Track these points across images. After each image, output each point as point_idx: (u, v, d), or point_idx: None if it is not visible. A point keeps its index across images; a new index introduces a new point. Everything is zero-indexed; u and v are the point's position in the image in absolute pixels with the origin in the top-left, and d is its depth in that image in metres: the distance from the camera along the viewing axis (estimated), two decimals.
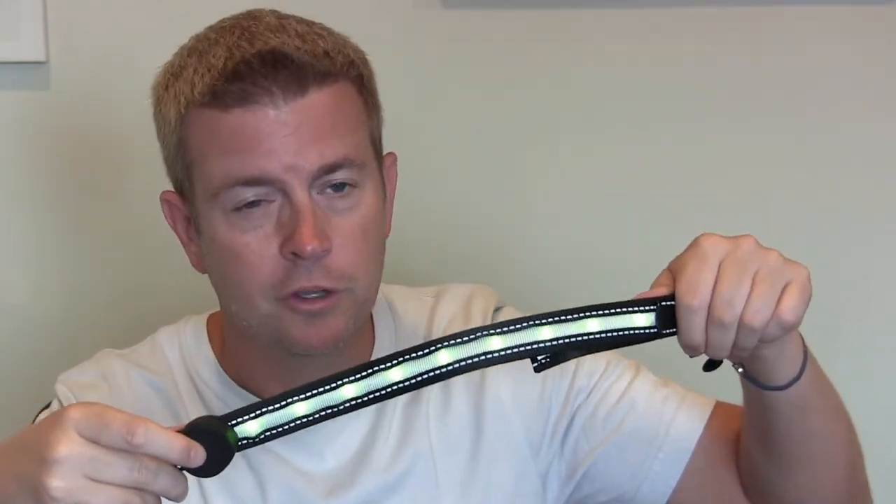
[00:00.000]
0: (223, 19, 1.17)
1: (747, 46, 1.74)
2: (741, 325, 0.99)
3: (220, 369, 1.23)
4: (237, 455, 0.98)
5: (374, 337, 1.25)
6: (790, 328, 1.01)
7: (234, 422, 0.98)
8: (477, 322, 1.26)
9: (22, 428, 1.04)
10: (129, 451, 0.93)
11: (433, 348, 0.97)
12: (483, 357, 0.98)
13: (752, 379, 1.09)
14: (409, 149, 1.31)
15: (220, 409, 1.19)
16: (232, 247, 1.13)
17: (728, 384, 1.16)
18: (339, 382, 0.98)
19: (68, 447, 0.93)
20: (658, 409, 1.23)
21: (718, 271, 0.99)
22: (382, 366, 0.98)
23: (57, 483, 0.92)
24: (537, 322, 0.99)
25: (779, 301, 0.99)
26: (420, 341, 1.24)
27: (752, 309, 0.99)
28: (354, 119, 1.15)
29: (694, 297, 0.99)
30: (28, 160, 1.74)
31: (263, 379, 1.20)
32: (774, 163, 1.76)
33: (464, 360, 0.97)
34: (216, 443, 0.97)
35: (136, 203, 1.69)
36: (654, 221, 1.74)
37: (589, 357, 1.24)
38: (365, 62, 1.18)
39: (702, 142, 1.76)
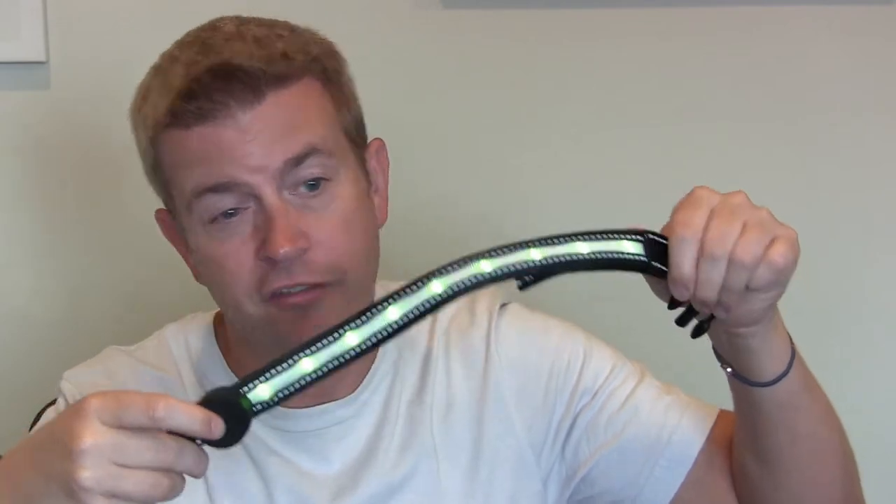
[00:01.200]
0: (189, 32, 1.17)
1: (747, 46, 1.74)
2: (732, 260, 1.00)
3: (227, 367, 1.23)
4: (243, 457, 0.97)
5: None
6: (780, 273, 1.01)
7: (245, 388, 0.98)
8: (482, 322, 1.27)
9: (20, 429, 1.03)
10: (152, 427, 0.93)
11: (426, 280, 0.99)
12: (474, 279, 1.00)
13: (739, 376, 1.10)
14: (408, 148, 1.31)
15: None
16: (213, 257, 1.14)
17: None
18: (341, 332, 0.98)
19: (93, 436, 0.92)
20: (660, 418, 1.22)
21: (711, 214, 1.01)
22: (379, 306, 0.99)
23: (87, 473, 0.91)
24: (526, 245, 1.01)
25: (769, 246, 1.01)
26: (424, 337, 1.25)
27: (744, 246, 1.00)
28: (320, 113, 1.15)
29: (687, 229, 1.01)
30: (28, 160, 1.74)
31: None
32: (774, 161, 1.76)
33: (456, 284, 1.00)
34: (232, 412, 0.96)
35: (136, 203, 1.67)
36: (653, 219, 1.74)
37: (595, 358, 1.25)
38: (331, 55, 1.18)
39: (701, 140, 1.76)
